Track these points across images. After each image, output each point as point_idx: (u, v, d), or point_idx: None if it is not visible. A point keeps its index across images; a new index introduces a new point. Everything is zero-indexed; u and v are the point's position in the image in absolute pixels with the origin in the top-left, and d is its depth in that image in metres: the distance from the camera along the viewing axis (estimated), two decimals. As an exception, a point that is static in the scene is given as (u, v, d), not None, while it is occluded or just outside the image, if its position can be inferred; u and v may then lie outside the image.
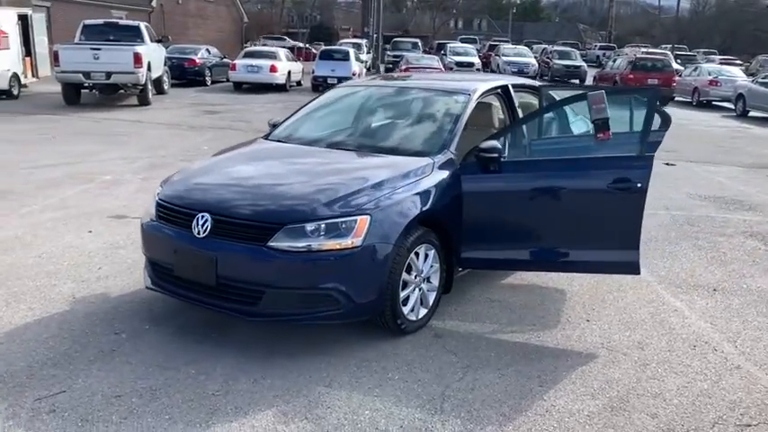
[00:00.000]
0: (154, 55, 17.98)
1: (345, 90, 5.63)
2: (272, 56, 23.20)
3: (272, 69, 22.23)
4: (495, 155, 4.24)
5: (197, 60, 23.55)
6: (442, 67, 23.94)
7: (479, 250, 4.42)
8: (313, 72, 23.19)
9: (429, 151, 4.41)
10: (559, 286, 5.08)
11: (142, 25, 18.13)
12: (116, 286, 4.68)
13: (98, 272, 4.99)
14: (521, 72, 30.27)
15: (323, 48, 27.38)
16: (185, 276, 3.85)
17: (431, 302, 4.23)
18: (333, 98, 5.52)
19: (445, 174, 4.26)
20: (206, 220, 3.74)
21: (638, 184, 4.14)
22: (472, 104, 4.76)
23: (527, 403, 3.35)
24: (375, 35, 38.64)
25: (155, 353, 3.72)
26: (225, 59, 25.24)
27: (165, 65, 20.07)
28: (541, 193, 4.33)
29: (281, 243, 3.56)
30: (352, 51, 24.25)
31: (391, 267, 3.77)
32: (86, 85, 16.50)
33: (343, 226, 3.63)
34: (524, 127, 4.93)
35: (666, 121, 5.65)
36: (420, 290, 4.12)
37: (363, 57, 30.27)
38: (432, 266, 4.19)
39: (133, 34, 17.63)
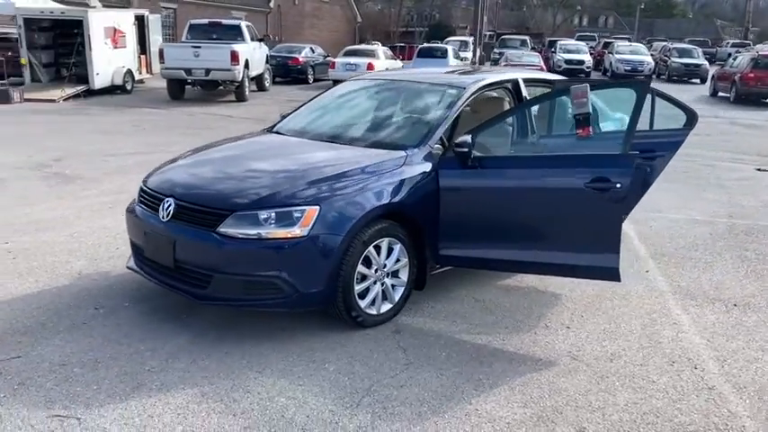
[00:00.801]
0: (253, 53, 18.80)
1: (353, 84, 5.64)
2: (371, 54, 23.55)
3: (369, 67, 22.50)
4: (466, 149, 4.12)
5: (300, 59, 24.36)
6: (543, 64, 23.25)
7: (457, 248, 4.31)
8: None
9: (405, 145, 4.35)
10: (558, 291, 4.83)
11: (243, 24, 19.03)
12: (121, 266, 4.98)
13: (114, 252, 5.34)
14: (634, 71, 28.83)
15: (421, 45, 27.40)
16: (152, 258, 4.05)
17: (397, 298, 4.18)
18: (340, 92, 5.56)
19: (420, 168, 4.19)
20: (170, 205, 3.91)
21: (618, 185, 3.87)
22: (464, 99, 4.63)
23: (450, 405, 3.24)
24: (483, 32, 38.11)
25: (118, 328, 3.94)
26: (328, 58, 25.90)
27: (266, 63, 20.90)
28: (518, 190, 4.16)
29: (229, 229, 3.66)
30: (450, 49, 24.14)
31: (342, 259, 3.76)
32: (188, 81, 17.58)
33: (290, 215, 3.67)
34: (509, 122, 4.73)
35: (691, 120, 5.25)
36: (383, 284, 4.07)
37: (467, 54, 30.01)
38: (399, 261, 4.13)
39: (234, 33, 18.57)
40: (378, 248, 3.98)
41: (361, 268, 3.89)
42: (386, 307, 4.13)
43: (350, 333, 3.96)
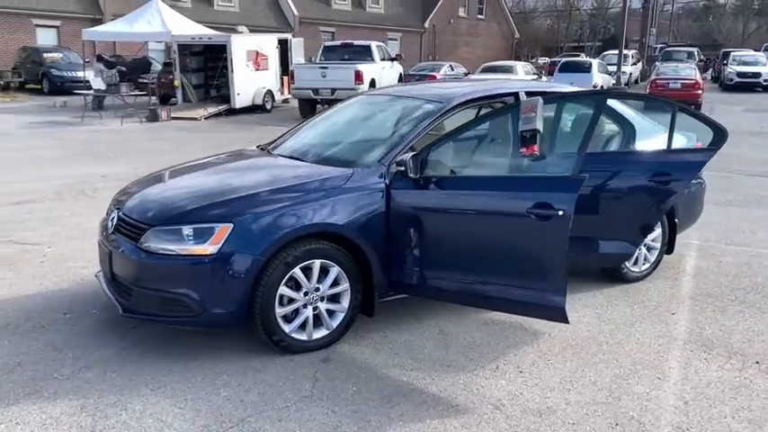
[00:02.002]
0: (382, 72, 19.15)
1: (357, 99, 5.46)
2: (509, 70, 22.93)
3: (506, 84, 21.96)
4: (403, 168, 3.81)
5: (437, 76, 24.34)
6: (698, 77, 21.16)
7: (408, 275, 4.00)
8: (550, 86, 22.38)
9: (357, 162, 4.12)
10: (544, 329, 4.29)
11: (373, 45, 19.45)
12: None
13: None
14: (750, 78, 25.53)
15: (563, 60, 26.20)
16: (101, 267, 4.19)
17: (334, 324, 3.94)
18: (341, 106, 5.40)
19: (369, 187, 3.94)
20: (113, 218, 4.03)
21: (560, 212, 3.36)
22: (438, 114, 4.28)
23: (311, 446, 2.97)
24: (651, 45, 35.65)
25: (65, 334, 4.11)
26: (468, 75, 25.66)
27: (399, 81, 21.16)
28: (462, 213, 3.77)
29: (148, 244, 3.67)
30: (595, 63, 22.82)
31: (257, 279, 3.62)
32: (317, 100, 18.28)
33: (203, 232, 3.60)
34: (468, 138, 4.28)
35: (719, 138, 4.48)
36: (315, 309, 3.86)
37: (626, 68, 28.24)
38: (338, 285, 3.90)
39: (364, 54, 19.07)
40: (308, 270, 3.79)
41: (285, 290, 3.72)
42: (320, 333, 3.91)
43: (273, 358, 3.80)
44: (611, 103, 5.06)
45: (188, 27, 20.46)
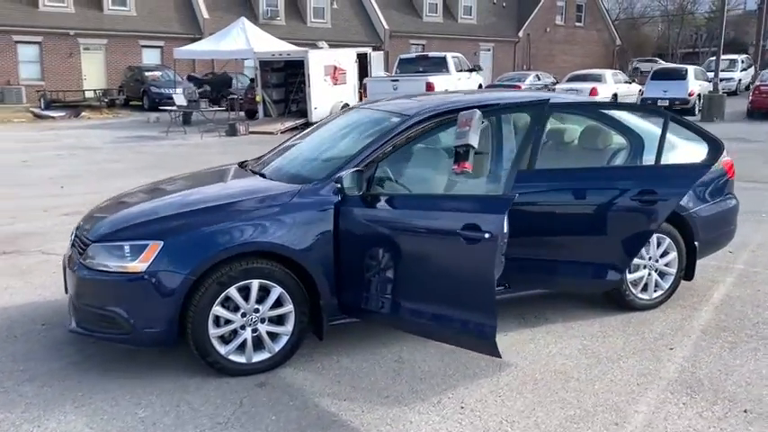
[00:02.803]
0: (458, 83, 18.86)
1: (348, 112, 5.28)
2: (597, 78, 21.96)
3: (593, 93, 21.02)
4: (339, 185, 3.61)
5: (521, 86, 23.71)
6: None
7: (353, 298, 3.79)
8: (641, 93, 21.23)
9: (310, 178, 3.95)
10: (516, 361, 3.94)
11: (449, 56, 19.24)
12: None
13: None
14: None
15: (657, 67, 24.72)
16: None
17: (277, 348, 3.79)
18: (330, 120, 5.25)
19: (315, 203, 3.77)
20: (72, 234, 4.09)
21: (486, 234, 3.06)
22: (400, 129, 4.04)
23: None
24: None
25: (32, 345, 4.20)
26: (556, 85, 24.83)
27: (479, 92, 20.79)
28: (400, 234, 3.52)
29: (88, 260, 3.69)
30: (691, 70, 21.37)
31: (187, 299, 3.54)
32: (391, 112, 18.25)
33: (135, 249, 3.56)
34: (416, 154, 3.99)
35: (715, 152, 3.98)
36: (255, 331, 3.73)
37: (734, 74, 26.31)
38: (281, 306, 3.75)
39: (439, 65, 18.87)
40: (245, 290, 3.66)
41: (220, 311, 3.61)
42: (261, 356, 3.77)
43: (210, 379, 3.69)
44: (617, 114, 4.62)
45: (272, 44, 21.09)
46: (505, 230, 3.13)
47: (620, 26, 48.97)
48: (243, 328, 3.70)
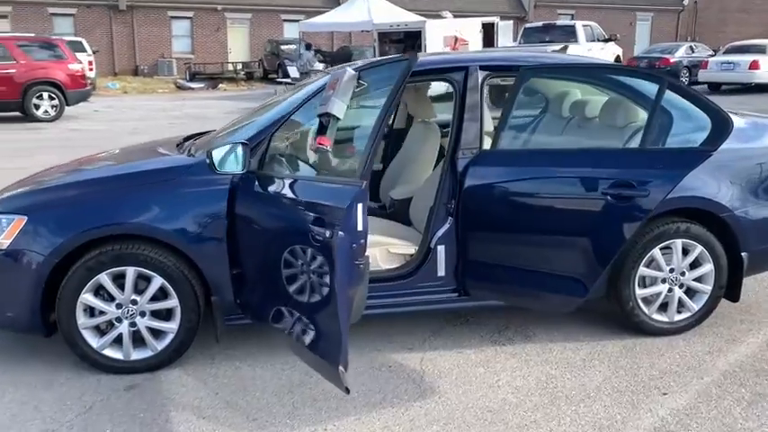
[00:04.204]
0: (588, 54, 17.15)
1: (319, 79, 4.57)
2: (761, 50, 19.05)
3: (753, 66, 18.34)
4: (209, 161, 2.99)
5: (671, 60, 21.25)
6: None
7: (248, 295, 3.19)
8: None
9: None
10: (443, 387, 3.14)
11: (579, 25, 17.60)
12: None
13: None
14: None
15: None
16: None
17: (160, 346, 3.28)
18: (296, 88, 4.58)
19: (208, 181, 3.19)
20: None
21: (327, 233, 2.32)
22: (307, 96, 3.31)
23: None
24: None
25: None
26: (713, 55, 21.96)
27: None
28: (270, 228, 2.86)
29: (-27, 234, 3.38)
30: None
31: (53, 283, 3.12)
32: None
33: (1, 224, 3.18)
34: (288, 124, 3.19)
35: (720, 131, 2.89)
36: (133, 325, 3.24)
37: None
38: (166, 300, 3.23)
39: (568, 34, 17.31)
40: (120, 278, 3.18)
41: (89, 299, 3.16)
42: (142, 354, 3.28)
43: (79, 376, 3.25)
44: (634, 82, 3.54)
45: (395, 15, 20.50)
46: (360, 228, 2.36)
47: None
48: (119, 320, 3.23)
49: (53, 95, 14.29)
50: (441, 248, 3.42)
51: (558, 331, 3.72)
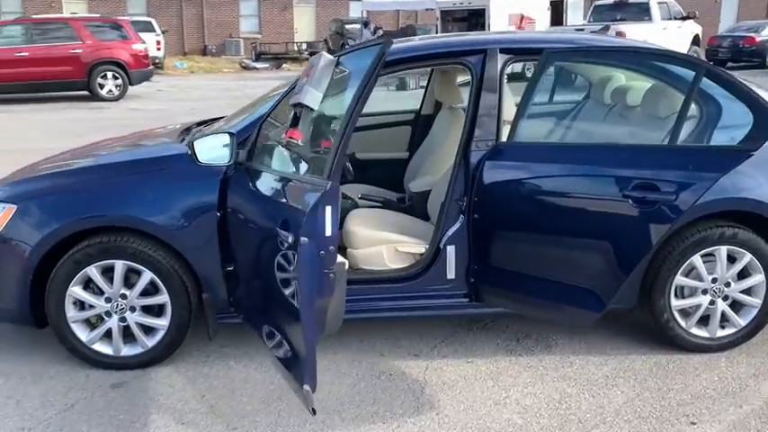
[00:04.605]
0: (663, 33, 16.20)
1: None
2: None
3: None
4: (190, 153, 2.81)
5: (757, 39, 19.82)
6: None
7: (240, 298, 3.01)
8: None
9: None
10: (442, 402, 2.88)
11: (653, 2, 16.54)
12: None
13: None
14: None
15: None
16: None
17: (151, 343, 3.14)
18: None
19: (192, 174, 3.01)
20: None
21: (290, 238, 2.10)
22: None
23: None
24: None
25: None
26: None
27: (694, 44, 17.77)
28: (251, 225, 2.64)
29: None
30: None
31: (42, 275, 3.03)
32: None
33: (-4, 213, 3.11)
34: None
35: (763, 129, 2.49)
36: (123, 320, 3.11)
37: None
38: (157, 295, 3.09)
39: (641, 12, 16.40)
40: (110, 271, 3.05)
41: (77, 292, 3.05)
42: (132, 350, 3.16)
43: (69, 370, 3.15)
44: (672, 69, 3.13)
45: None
46: (328, 234, 2.10)
47: None
48: (108, 315, 3.10)
49: (117, 75, 14.60)
50: (450, 249, 3.14)
51: (582, 342, 3.39)
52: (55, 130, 10.76)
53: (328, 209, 2.11)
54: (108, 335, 3.13)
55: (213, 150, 2.85)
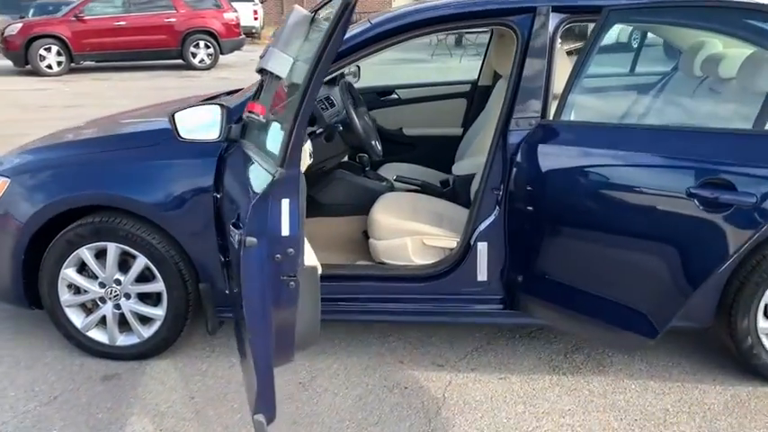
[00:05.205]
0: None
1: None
2: None
3: None
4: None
5: None
6: None
7: (232, 293, 2.67)
8: None
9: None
10: (467, 415, 2.44)
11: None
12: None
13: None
14: None
15: None
16: None
17: (148, 334, 2.87)
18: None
19: (186, 151, 2.68)
20: None
21: (236, 237, 1.72)
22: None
23: None
24: None
25: None
26: None
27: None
28: (230, 209, 2.27)
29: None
30: None
31: (33, 255, 2.82)
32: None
33: (-6, 187, 2.91)
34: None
35: None
36: (117, 307, 2.85)
37: None
38: (152, 282, 2.81)
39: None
40: (103, 255, 2.80)
41: (70, 275, 2.81)
42: (129, 340, 2.90)
43: (66, 357, 2.94)
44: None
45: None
46: (285, 233, 1.67)
47: None
48: (102, 300, 2.86)
49: (209, 44, 14.70)
50: (482, 246, 2.65)
51: (643, 362, 2.82)
52: (145, 97, 10.90)
53: (285, 202, 1.70)
54: (104, 322, 2.89)
55: (201, 125, 2.49)
